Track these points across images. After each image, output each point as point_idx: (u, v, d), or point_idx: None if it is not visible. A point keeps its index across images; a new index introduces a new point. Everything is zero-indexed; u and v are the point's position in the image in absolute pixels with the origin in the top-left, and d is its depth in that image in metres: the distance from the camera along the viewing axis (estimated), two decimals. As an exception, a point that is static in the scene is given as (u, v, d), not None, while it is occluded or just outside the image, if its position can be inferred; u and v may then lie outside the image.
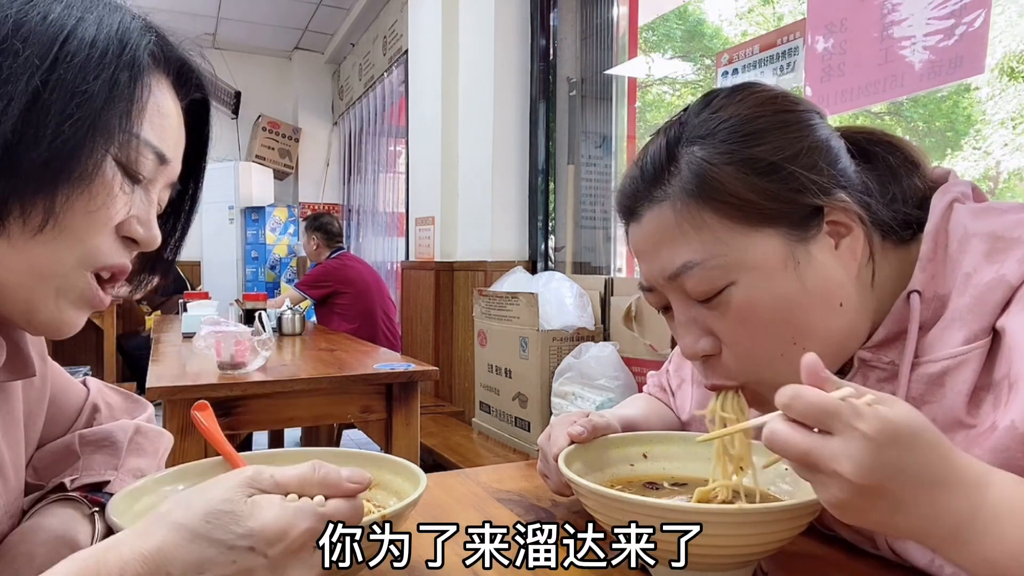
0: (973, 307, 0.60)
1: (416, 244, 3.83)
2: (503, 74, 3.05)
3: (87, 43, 0.51)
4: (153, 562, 0.42)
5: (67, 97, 0.50)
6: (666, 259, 0.64)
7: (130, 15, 0.57)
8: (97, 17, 0.53)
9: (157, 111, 0.57)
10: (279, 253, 5.92)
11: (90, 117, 0.51)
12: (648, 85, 5.16)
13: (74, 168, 0.50)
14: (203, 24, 5.45)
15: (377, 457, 0.75)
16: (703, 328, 0.65)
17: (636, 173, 0.68)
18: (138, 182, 0.57)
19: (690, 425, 0.93)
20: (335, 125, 6.45)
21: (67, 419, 0.75)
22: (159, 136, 0.57)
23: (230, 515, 0.43)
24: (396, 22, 4.51)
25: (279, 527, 0.44)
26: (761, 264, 0.62)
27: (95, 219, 0.53)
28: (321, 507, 0.46)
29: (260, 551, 0.43)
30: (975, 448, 0.58)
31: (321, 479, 0.48)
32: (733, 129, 0.63)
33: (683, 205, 0.62)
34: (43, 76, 0.49)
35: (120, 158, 0.54)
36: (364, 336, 3.55)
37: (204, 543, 0.42)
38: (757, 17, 5.12)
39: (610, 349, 2.08)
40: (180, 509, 0.43)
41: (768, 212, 0.61)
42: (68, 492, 0.66)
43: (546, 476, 0.85)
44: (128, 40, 0.54)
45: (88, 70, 0.51)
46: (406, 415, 2.15)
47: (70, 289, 0.54)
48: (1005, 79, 2.67)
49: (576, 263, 2.93)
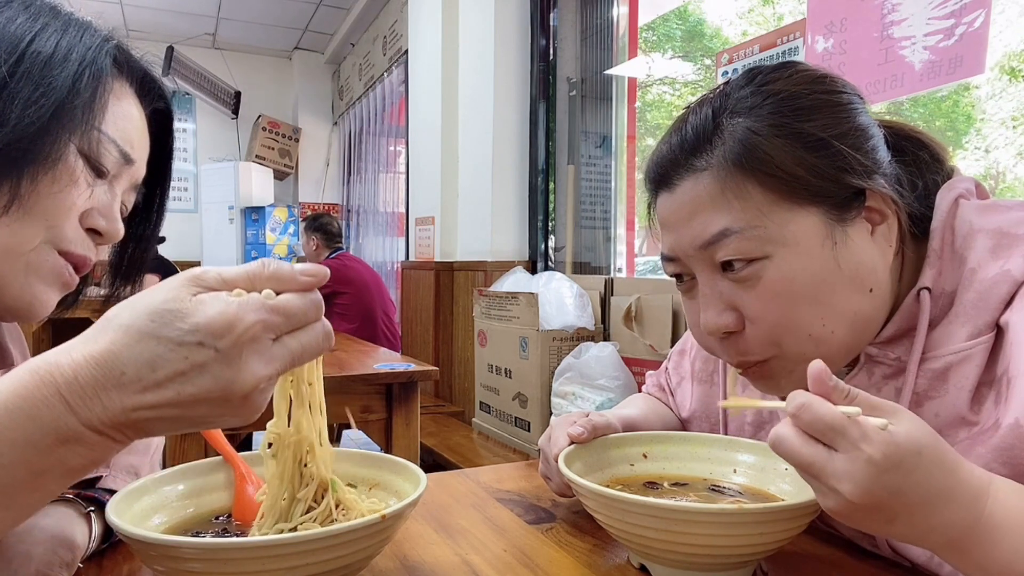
0: (978, 303, 0.60)
1: (416, 244, 3.83)
2: (503, 74, 3.05)
3: (52, 44, 0.58)
4: (105, 364, 0.41)
5: (31, 87, 0.55)
6: (701, 227, 0.63)
7: (93, 28, 0.63)
8: (62, 25, 0.60)
9: (121, 113, 0.63)
10: (279, 253, 5.92)
11: (53, 104, 0.56)
12: (648, 85, 5.17)
13: (38, 151, 0.55)
14: (203, 24, 5.45)
15: (377, 457, 0.75)
16: (727, 303, 0.64)
17: (675, 142, 0.67)
18: (102, 176, 0.62)
19: (690, 423, 0.93)
20: (335, 125, 6.45)
21: None
22: (122, 136, 0.63)
23: (175, 312, 0.42)
24: (396, 22, 4.51)
25: (225, 320, 0.42)
26: (799, 240, 0.61)
27: (59, 202, 0.58)
28: (270, 299, 0.45)
29: (209, 345, 0.42)
30: (978, 446, 0.58)
31: (272, 274, 0.46)
32: (782, 103, 0.63)
33: (726, 174, 0.62)
34: (9, 69, 0.55)
35: (83, 149, 0.59)
36: (364, 336, 3.55)
37: (152, 341, 0.41)
38: (757, 17, 5.12)
39: (610, 349, 2.08)
40: (126, 311, 0.42)
41: (812, 188, 0.61)
42: (64, 492, 0.66)
43: (548, 478, 0.84)
44: (90, 45, 0.60)
45: (52, 66, 0.57)
46: (406, 415, 2.15)
47: (40, 265, 0.58)
48: (1005, 79, 2.66)
49: (576, 263, 2.93)
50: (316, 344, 0.47)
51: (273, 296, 0.45)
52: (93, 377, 0.41)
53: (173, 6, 5.01)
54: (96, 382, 0.41)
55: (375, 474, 0.74)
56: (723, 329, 0.64)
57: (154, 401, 0.42)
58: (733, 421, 0.85)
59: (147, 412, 0.42)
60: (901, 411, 0.47)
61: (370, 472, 0.75)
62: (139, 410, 0.42)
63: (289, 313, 0.45)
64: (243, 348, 0.43)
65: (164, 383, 0.42)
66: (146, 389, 0.41)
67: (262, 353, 0.44)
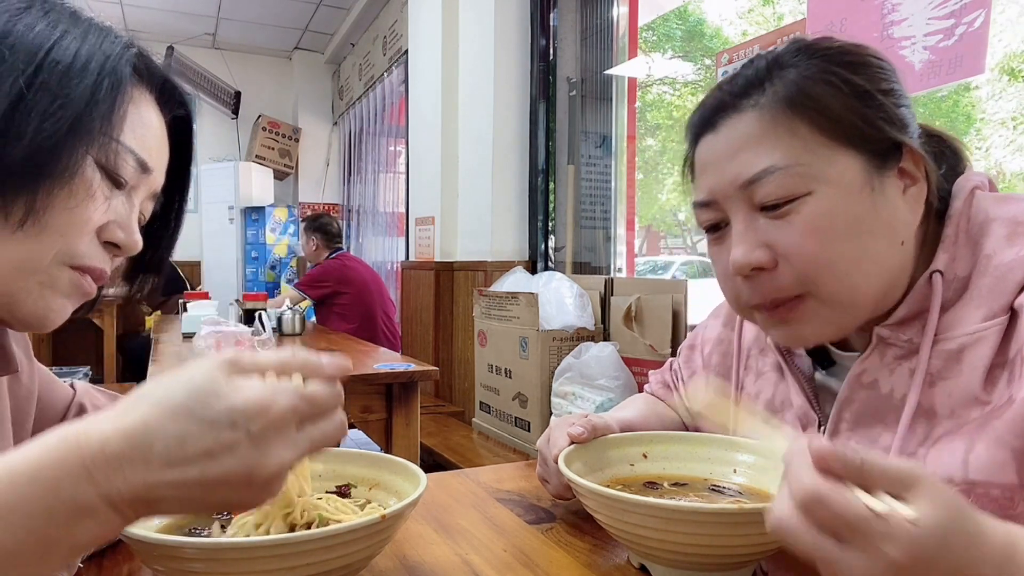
0: (993, 287, 0.62)
1: (416, 244, 3.83)
2: (503, 74, 3.05)
3: (71, 53, 0.55)
4: (134, 437, 0.41)
5: (49, 99, 0.53)
6: (745, 164, 0.65)
7: (114, 34, 0.60)
8: (82, 32, 0.57)
9: (140, 122, 0.60)
10: (279, 253, 5.92)
11: (70, 117, 0.54)
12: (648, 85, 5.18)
13: (54, 165, 0.53)
14: (203, 24, 5.45)
15: (377, 457, 0.75)
16: (761, 240, 0.65)
17: (724, 89, 0.69)
18: (120, 187, 0.59)
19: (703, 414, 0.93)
20: (335, 125, 6.45)
21: (53, 419, 0.76)
22: (140, 145, 0.60)
23: (212, 393, 0.43)
24: (396, 22, 4.50)
25: (259, 403, 0.43)
26: (841, 180, 0.63)
27: (75, 217, 0.56)
28: (300, 386, 0.46)
29: (241, 427, 0.43)
30: (993, 420, 0.59)
31: (301, 363, 0.48)
32: (832, 56, 0.66)
33: (775, 112, 0.64)
34: (27, 79, 0.52)
35: (101, 161, 0.57)
36: (364, 336, 3.55)
37: (186, 419, 0.42)
38: (757, 17, 5.12)
39: (610, 349, 2.08)
40: (160, 389, 0.43)
41: (856, 132, 0.63)
42: None
43: (545, 481, 0.84)
44: (110, 53, 0.58)
45: (71, 76, 0.54)
46: (406, 415, 2.15)
47: (55, 281, 0.57)
48: (1005, 79, 2.66)
49: (576, 263, 2.93)
50: (334, 433, 0.49)
51: (301, 384, 0.47)
52: (120, 449, 0.41)
53: (173, 6, 5.01)
54: (123, 454, 0.41)
55: (375, 474, 0.74)
56: (754, 264, 0.65)
57: (177, 479, 0.42)
58: None
59: (167, 490, 0.42)
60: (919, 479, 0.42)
61: (370, 472, 0.75)
62: (160, 487, 0.42)
63: (316, 402, 0.47)
64: (272, 432, 0.44)
65: (191, 461, 0.42)
66: (171, 465, 0.42)
67: (288, 439, 0.45)
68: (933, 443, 0.63)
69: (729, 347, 0.90)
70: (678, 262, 12.39)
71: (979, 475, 0.59)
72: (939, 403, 0.63)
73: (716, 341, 0.91)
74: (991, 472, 0.58)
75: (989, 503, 0.58)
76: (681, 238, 16.41)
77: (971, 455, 0.60)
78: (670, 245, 16.47)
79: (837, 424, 0.72)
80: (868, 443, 0.68)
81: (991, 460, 0.58)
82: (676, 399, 0.99)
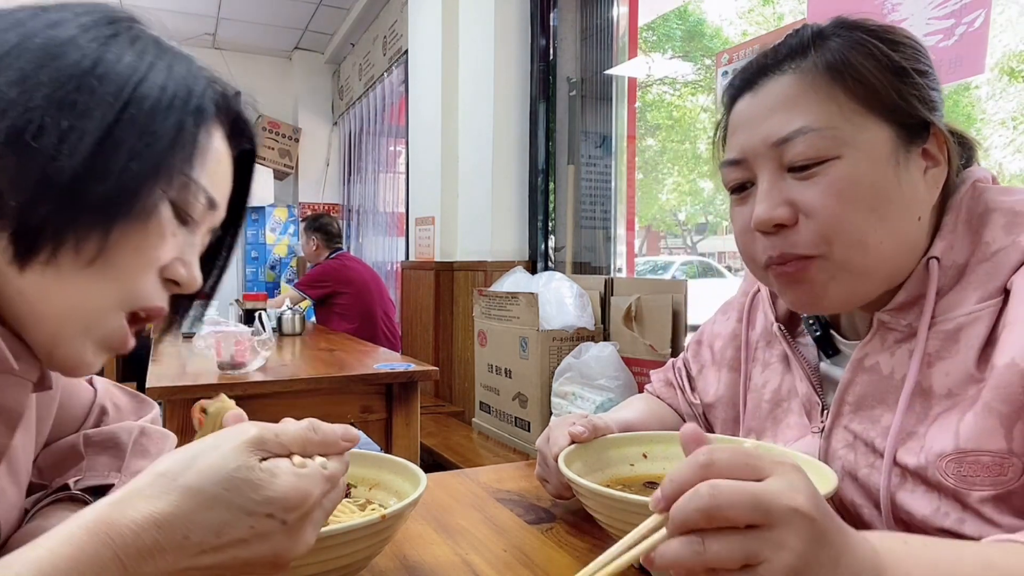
0: (990, 271, 0.64)
1: (416, 244, 3.83)
2: (503, 74, 3.05)
3: (158, 87, 0.53)
4: (169, 527, 0.41)
5: (136, 136, 0.51)
6: (779, 123, 0.67)
7: (197, 65, 0.59)
8: (168, 64, 0.55)
9: (212, 157, 0.59)
10: (279, 253, 5.92)
11: (156, 157, 0.52)
12: (648, 85, 5.18)
13: (134, 205, 0.51)
14: (203, 24, 5.45)
15: (377, 457, 0.75)
16: (785, 198, 0.66)
17: (767, 54, 0.72)
18: (187, 224, 0.58)
19: (714, 407, 0.93)
20: (335, 125, 6.45)
21: (75, 420, 0.75)
22: (211, 181, 0.59)
23: (249, 483, 0.44)
24: (396, 22, 4.50)
25: (298, 496, 0.45)
26: (870, 148, 0.65)
27: (143, 257, 0.54)
28: (325, 470, 0.48)
29: (279, 518, 0.44)
30: (985, 392, 0.60)
31: (321, 440, 0.50)
32: (874, 32, 0.68)
33: (815, 77, 0.66)
34: (116, 114, 0.50)
35: (174, 199, 0.55)
36: (364, 336, 3.55)
37: (223, 509, 0.43)
38: (757, 17, 5.12)
39: (610, 349, 2.08)
40: (191, 473, 0.43)
41: (890, 105, 0.66)
42: (72, 492, 0.66)
43: (545, 481, 0.85)
44: (195, 87, 0.56)
45: (158, 112, 0.52)
46: (406, 415, 2.15)
47: (99, 328, 0.54)
48: (1005, 79, 2.66)
49: (576, 263, 2.93)
50: (339, 500, 0.52)
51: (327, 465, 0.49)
52: (155, 540, 0.41)
53: (173, 6, 5.01)
54: (157, 544, 0.41)
55: (375, 474, 0.74)
56: (776, 220, 0.66)
57: (208, 563, 0.43)
58: (751, 399, 0.86)
59: (195, 572, 0.43)
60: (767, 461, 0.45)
61: (370, 472, 0.75)
62: (190, 570, 0.43)
63: (334, 480, 0.49)
64: (306, 520, 0.46)
65: (224, 548, 0.43)
66: (204, 552, 0.43)
67: (315, 522, 0.48)
68: (932, 421, 0.65)
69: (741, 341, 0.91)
70: (678, 262, 12.40)
71: (969, 443, 0.60)
72: (937, 382, 0.65)
73: (731, 336, 0.93)
74: (980, 440, 0.60)
75: (981, 470, 0.60)
76: (681, 238, 16.42)
77: (961, 424, 0.61)
78: (670, 245, 16.47)
79: (840, 407, 0.73)
80: (869, 423, 0.70)
81: (980, 428, 0.60)
82: (680, 399, 0.99)
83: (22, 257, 0.49)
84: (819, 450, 0.74)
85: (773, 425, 0.82)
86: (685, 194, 13.59)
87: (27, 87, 0.48)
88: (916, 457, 0.64)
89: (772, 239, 0.68)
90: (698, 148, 11.39)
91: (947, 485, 0.61)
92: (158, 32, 0.60)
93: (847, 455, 0.72)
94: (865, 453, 0.70)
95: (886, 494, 0.67)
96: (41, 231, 0.49)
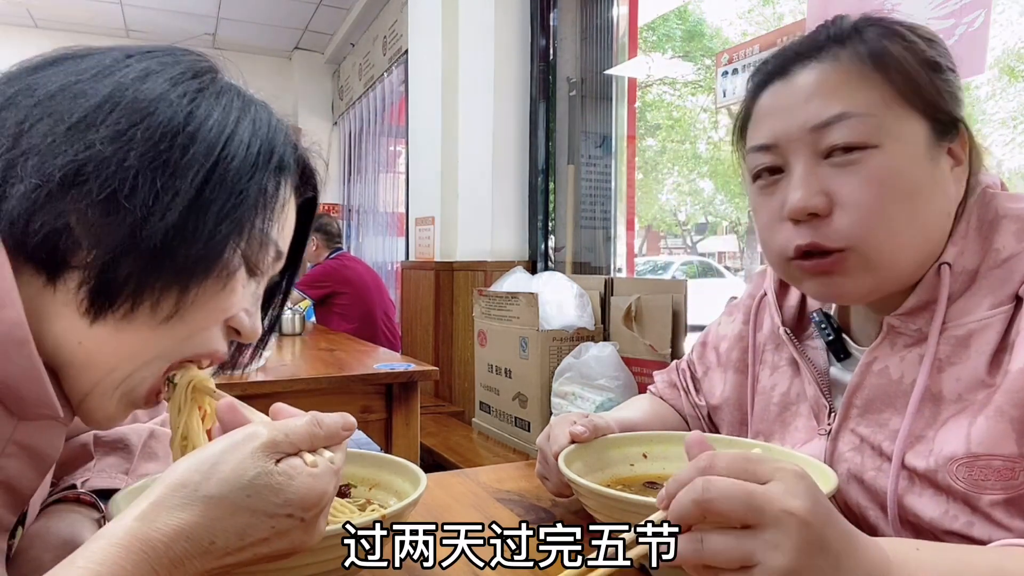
0: (1002, 278, 0.64)
1: (416, 244, 3.83)
2: (503, 74, 3.05)
3: (244, 144, 0.53)
4: (197, 536, 0.43)
5: (225, 196, 0.51)
6: (818, 108, 0.66)
7: (275, 117, 0.59)
8: (251, 119, 0.55)
9: (282, 209, 0.59)
10: (279, 253, 5.90)
11: (241, 218, 0.52)
12: (648, 85, 5.18)
13: (217, 266, 0.52)
14: (203, 24, 5.45)
15: (377, 457, 0.75)
16: (821, 186, 0.66)
17: (800, 41, 0.71)
18: (255, 276, 0.58)
19: (720, 409, 0.93)
20: (335, 125, 6.45)
21: None
22: (280, 234, 0.59)
23: (269, 488, 0.45)
24: (396, 22, 4.50)
25: (316, 495, 0.47)
26: (908, 141, 0.65)
27: (213, 313, 0.54)
28: (334, 464, 0.50)
29: (297, 516, 0.46)
30: (995, 395, 0.61)
31: (326, 434, 0.51)
32: (910, 27, 0.69)
33: (854, 65, 0.66)
34: (206, 174, 0.50)
35: (246, 252, 0.55)
36: (364, 336, 3.55)
37: (247, 514, 0.44)
38: (757, 17, 5.12)
39: (610, 349, 2.08)
40: (212, 483, 0.44)
41: (927, 100, 0.66)
42: (79, 492, 0.66)
43: (545, 479, 0.85)
44: (275, 143, 0.56)
45: (243, 172, 0.53)
46: (406, 415, 2.15)
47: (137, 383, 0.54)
48: (1005, 79, 2.66)
49: (576, 263, 2.93)
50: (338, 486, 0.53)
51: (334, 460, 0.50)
52: (185, 550, 0.43)
53: (173, 6, 5.01)
54: (186, 553, 0.43)
55: (375, 474, 0.74)
56: (811, 209, 0.65)
57: (231, 563, 0.45)
58: (759, 402, 0.86)
59: (219, 570, 0.45)
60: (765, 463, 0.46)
61: (370, 472, 0.75)
62: (215, 570, 0.45)
63: (340, 472, 0.51)
64: (321, 515, 0.49)
65: (247, 548, 0.45)
66: (228, 554, 0.45)
67: (327, 513, 0.50)
68: (941, 425, 0.65)
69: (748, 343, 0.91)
70: (678, 262, 12.40)
71: (980, 448, 0.60)
72: (947, 387, 0.65)
73: (737, 338, 0.92)
74: (992, 444, 0.60)
75: (991, 474, 0.60)
76: (681, 238, 16.42)
77: (972, 428, 0.61)
78: (670, 245, 16.47)
79: (848, 410, 0.73)
80: (877, 427, 0.70)
81: (991, 432, 0.60)
82: (684, 400, 0.99)
83: (98, 311, 0.49)
84: (825, 452, 0.74)
85: (781, 428, 0.82)
86: (685, 194, 13.58)
87: (121, 144, 0.48)
88: (925, 460, 0.64)
89: (803, 228, 0.67)
90: (698, 148, 11.37)
91: (957, 489, 0.61)
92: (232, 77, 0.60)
93: (853, 458, 0.72)
94: (872, 456, 0.70)
95: (893, 497, 0.67)
96: (122, 288, 0.49)
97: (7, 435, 0.50)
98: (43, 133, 0.48)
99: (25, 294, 0.47)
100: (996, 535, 0.59)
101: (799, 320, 0.84)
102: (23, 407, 0.49)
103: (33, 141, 0.47)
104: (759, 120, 0.72)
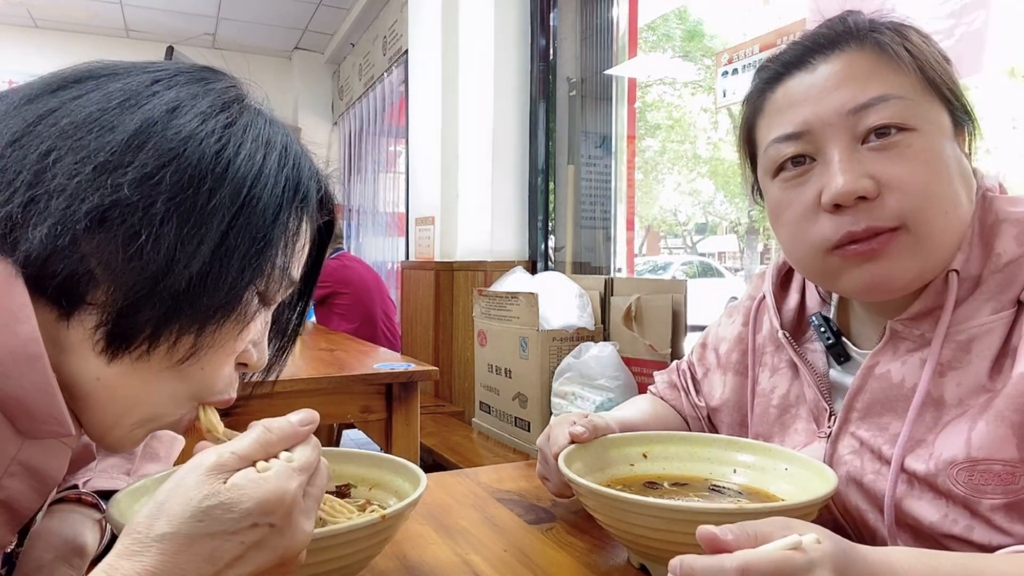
0: (1003, 283, 0.64)
1: (416, 244, 3.83)
2: (503, 74, 3.05)
3: (270, 186, 0.52)
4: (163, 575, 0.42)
5: (248, 242, 0.50)
6: (853, 92, 0.66)
7: (299, 146, 0.58)
8: (278, 154, 0.54)
9: (302, 245, 0.58)
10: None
11: (263, 262, 0.52)
12: (648, 85, 5.17)
13: (237, 310, 0.51)
14: (203, 24, 5.45)
15: (377, 457, 0.75)
16: (866, 170, 0.65)
17: (818, 34, 0.71)
18: (267, 305, 0.57)
19: (720, 411, 0.93)
20: (335, 125, 6.45)
21: None
22: (295, 263, 0.58)
23: (220, 507, 0.43)
24: (396, 22, 4.50)
25: (273, 497, 0.45)
26: (940, 126, 0.66)
27: (226, 350, 0.54)
28: (291, 462, 0.48)
29: (263, 523, 0.44)
30: (996, 400, 0.61)
31: (280, 437, 0.49)
32: (919, 28, 0.70)
33: (881, 53, 0.67)
34: (231, 219, 0.49)
35: (261, 288, 0.54)
36: (364, 336, 3.55)
37: (206, 540, 0.43)
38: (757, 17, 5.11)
39: (610, 349, 2.08)
40: (161, 522, 0.43)
41: (947, 90, 0.67)
42: (81, 492, 0.67)
43: (545, 479, 0.85)
44: (301, 178, 0.55)
45: (268, 213, 0.52)
46: (406, 415, 2.14)
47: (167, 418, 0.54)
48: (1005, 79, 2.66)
49: (576, 263, 2.93)
50: (326, 482, 0.52)
51: (291, 458, 0.48)
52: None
53: (173, 6, 5.01)
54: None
55: (375, 474, 0.74)
56: (860, 192, 0.64)
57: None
58: (759, 404, 0.86)
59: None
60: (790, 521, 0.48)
61: (370, 472, 0.75)
62: None
63: (308, 467, 0.49)
64: (293, 514, 0.46)
65: (224, 571, 0.43)
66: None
67: (305, 511, 0.47)
68: (941, 429, 0.65)
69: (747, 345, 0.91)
70: (678, 262, 12.40)
71: (981, 452, 0.60)
72: (948, 392, 0.65)
73: (736, 339, 0.92)
74: (992, 448, 0.60)
75: (992, 479, 0.60)
76: (681, 238, 16.42)
77: (973, 433, 0.61)
78: (670, 245, 16.48)
79: (848, 413, 0.73)
80: (877, 431, 0.70)
81: (992, 436, 0.60)
82: (684, 401, 0.99)
83: (114, 353, 0.49)
84: (825, 455, 0.74)
85: (781, 430, 0.82)
86: (685, 194, 13.57)
87: (148, 188, 0.47)
88: (925, 464, 0.64)
89: (847, 215, 0.65)
90: (698, 148, 11.36)
91: (957, 493, 0.61)
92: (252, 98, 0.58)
93: (853, 461, 0.72)
94: (871, 459, 0.70)
95: (891, 500, 0.67)
96: (140, 332, 0.48)
97: (11, 454, 0.50)
98: (68, 173, 0.46)
99: (38, 320, 0.46)
100: (996, 539, 0.59)
101: (798, 323, 0.84)
102: (32, 424, 0.49)
103: (58, 179, 0.46)
104: (781, 111, 0.70)
